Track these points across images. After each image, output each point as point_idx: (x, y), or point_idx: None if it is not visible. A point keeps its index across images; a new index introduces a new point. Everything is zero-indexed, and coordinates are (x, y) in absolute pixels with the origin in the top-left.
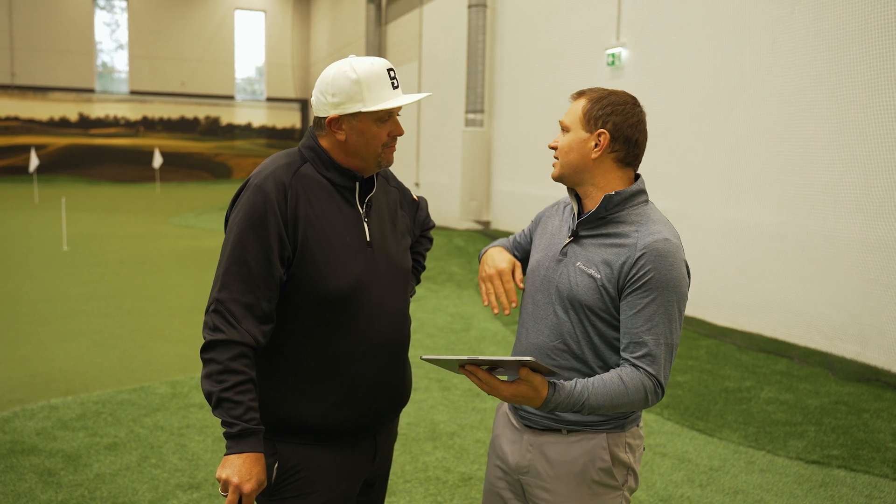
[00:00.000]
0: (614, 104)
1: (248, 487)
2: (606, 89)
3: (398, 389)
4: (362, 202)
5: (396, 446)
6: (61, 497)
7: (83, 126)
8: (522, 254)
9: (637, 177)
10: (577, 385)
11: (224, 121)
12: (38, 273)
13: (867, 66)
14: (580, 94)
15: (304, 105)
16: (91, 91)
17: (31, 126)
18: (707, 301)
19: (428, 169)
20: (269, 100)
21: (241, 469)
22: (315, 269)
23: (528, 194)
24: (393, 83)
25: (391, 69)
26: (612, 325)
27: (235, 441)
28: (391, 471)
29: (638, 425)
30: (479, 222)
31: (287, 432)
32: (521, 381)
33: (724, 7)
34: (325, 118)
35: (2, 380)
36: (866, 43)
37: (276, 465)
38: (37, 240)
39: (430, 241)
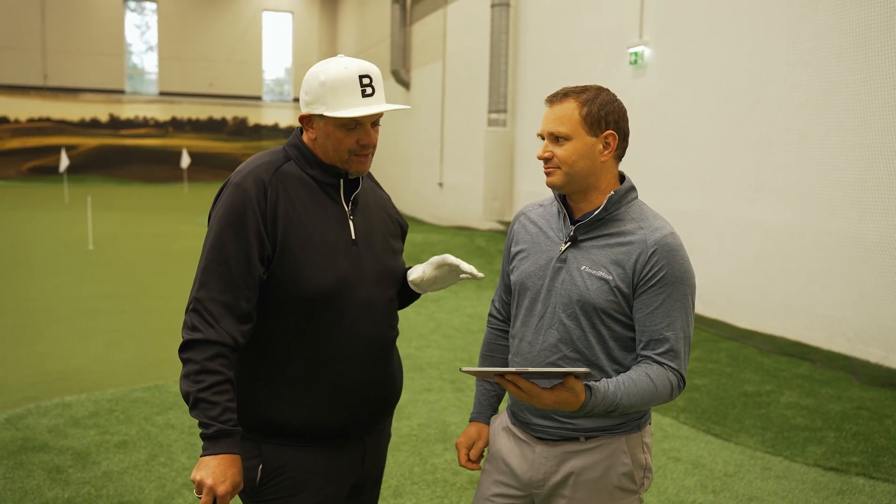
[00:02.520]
0: (608, 101)
1: (222, 489)
2: (585, 87)
3: (386, 390)
4: (348, 200)
5: (406, 447)
6: (67, 494)
7: (113, 127)
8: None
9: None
10: (610, 386)
11: (251, 121)
12: (62, 271)
13: (892, 62)
14: (563, 96)
15: None
16: (121, 92)
17: (62, 127)
18: (728, 303)
19: (451, 169)
20: (297, 100)
21: (216, 471)
22: (295, 267)
23: (551, 194)
24: (364, 90)
25: (366, 76)
26: (627, 325)
27: (211, 442)
28: (399, 472)
29: (649, 423)
30: (501, 222)
31: (272, 433)
32: (563, 388)
33: (747, 4)
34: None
35: (18, 377)
36: (891, 39)
37: (261, 467)
38: (64, 239)
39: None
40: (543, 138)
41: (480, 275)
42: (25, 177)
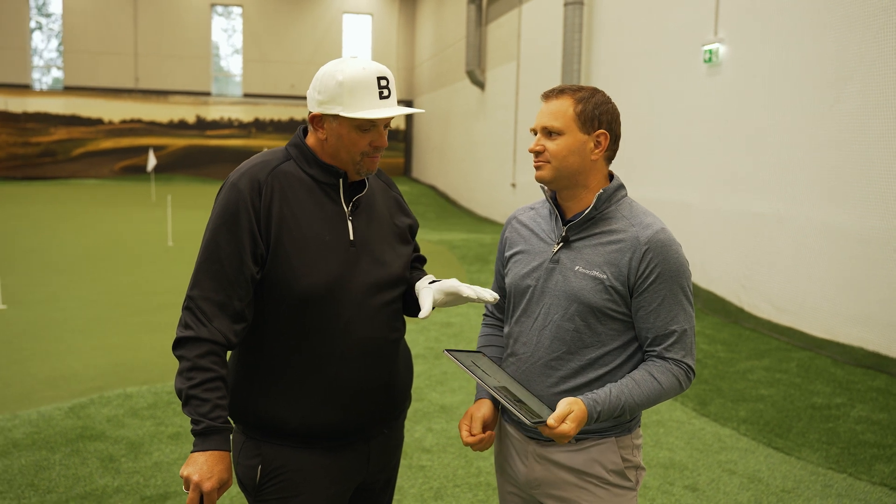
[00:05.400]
0: (602, 102)
1: (208, 486)
2: (581, 86)
3: (386, 393)
4: (349, 200)
5: (452, 449)
6: (117, 483)
7: (200, 128)
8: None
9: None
10: (612, 392)
11: None
12: (142, 267)
13: None
14: (559, 93)
15: (409, 106)
16: (207, 94)
17: (152, 128)
18: (802, 309)
19: (524, 170)
20: None
21: (204, 467)
22: (289, 267)
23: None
24: (381, 92)
25: (384, 77)
26: (624, 322)
27: (201, 439)
28: (442, 474)
29: (639, 426)
30: None
31: (271, 433)
32: (569, 417)
33: None
34: (311, 113)
35: (88, 367)
36: None
37: (260, 467)
38: (146, 235)
39: (422, 261)
40: (536, 133)
41: (491, 299)
42: (118, 176)
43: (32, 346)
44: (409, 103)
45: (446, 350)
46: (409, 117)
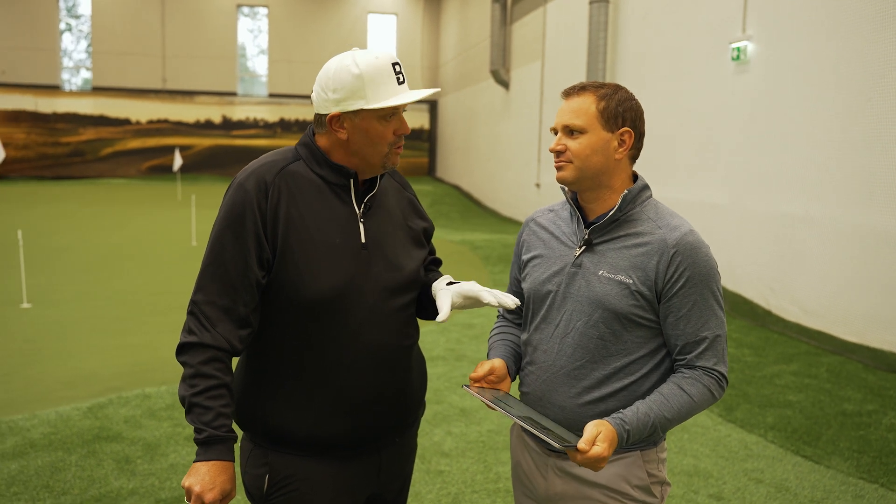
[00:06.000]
0: (626, 98)
1: (209, 497)
2: (603, 83)
3: (399, 401)
4: (360, 201)
5: (471, 454)
6: (133, 485)
7: (225, 128)
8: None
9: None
10: (640, 410)
11: None
12: (165, 267)
13: None
14: (581, 90)
15: (433, 106)
16: (233, 94)
17: (178, 128)
18: (833, 313)
19: (549, 170)
20: None
21: (206, 478)
22: (296, 271)
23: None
24: (398, 78)
25: (397, 63)
26: (651, 328)
27: (203, 448)
28: (461, 479)
29: (664, 438)
30: None
31: (278, 442)
32: (598, 441)
33: None
34: (325, 115)
35: (107, 367)
36: None
37: (268, 476)
38: (171, 235)
39: (438, 263)
40: (557, 132)
41: (512, 304)
42: (145, 175)
43: (54, 345)
44: (433, 103)
45: (465, 385)
46: (433, 117)
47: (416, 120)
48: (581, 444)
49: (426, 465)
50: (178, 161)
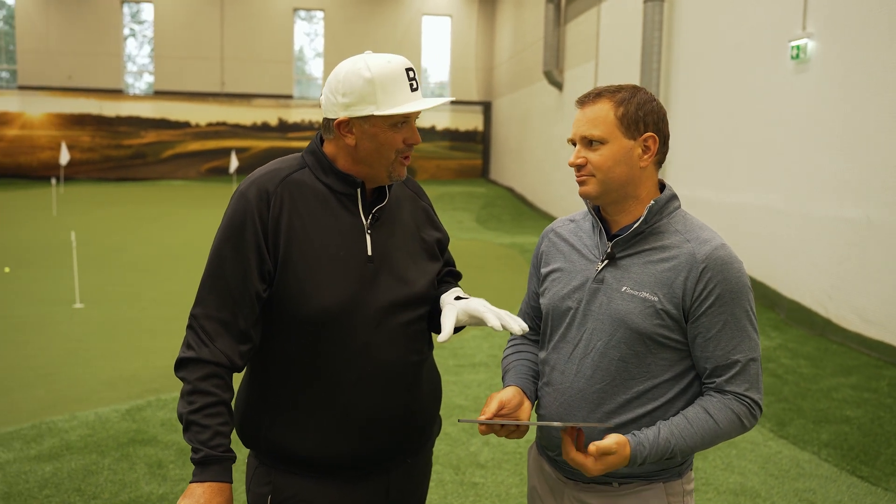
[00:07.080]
0: (646, 101)
1: None
2: (620, 86)
3: (408, 420)
4: (368, 212)
5: (508, 466)
6: (163, 490)
7: (282, 130)
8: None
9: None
10: (662, 432)
11: None
12: None
13: None
14: (596, 97)
15: (487, 108)
16: (289, 97)
17: (236, 130)
18: (895, 322)
19: None
20: (453, 103)
21: (201, 500)
22: (298, 284)
23: (704, 199)
24: (411, 84)
25: (410, 69)
26: (677, 350)
27: (200, 468)
28: (495, 492)
29: (691, 468)
30: None
31: (282, 461)
32: (604, 454)
33: None
34: (333, 120)
35: (148, 368)
36: None
37: (270, 496)
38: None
39: (457, 276)
40: (575, 144)
41: (519, 330)
42: (204, 177)
43: (101, 345)
44: (487, 105)
45: (460, 419)
46: (487, 119)
47: (470, 122)
48: (591, 448)
49: (460, 476)
50: (234, 163)
